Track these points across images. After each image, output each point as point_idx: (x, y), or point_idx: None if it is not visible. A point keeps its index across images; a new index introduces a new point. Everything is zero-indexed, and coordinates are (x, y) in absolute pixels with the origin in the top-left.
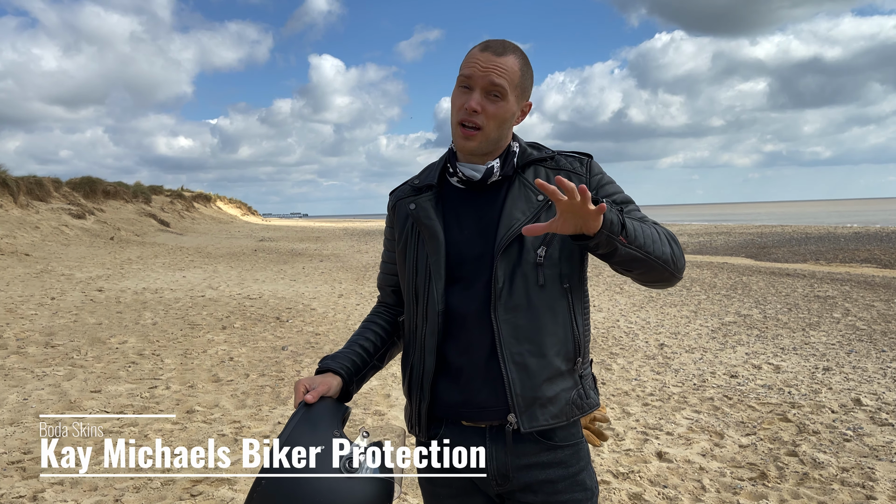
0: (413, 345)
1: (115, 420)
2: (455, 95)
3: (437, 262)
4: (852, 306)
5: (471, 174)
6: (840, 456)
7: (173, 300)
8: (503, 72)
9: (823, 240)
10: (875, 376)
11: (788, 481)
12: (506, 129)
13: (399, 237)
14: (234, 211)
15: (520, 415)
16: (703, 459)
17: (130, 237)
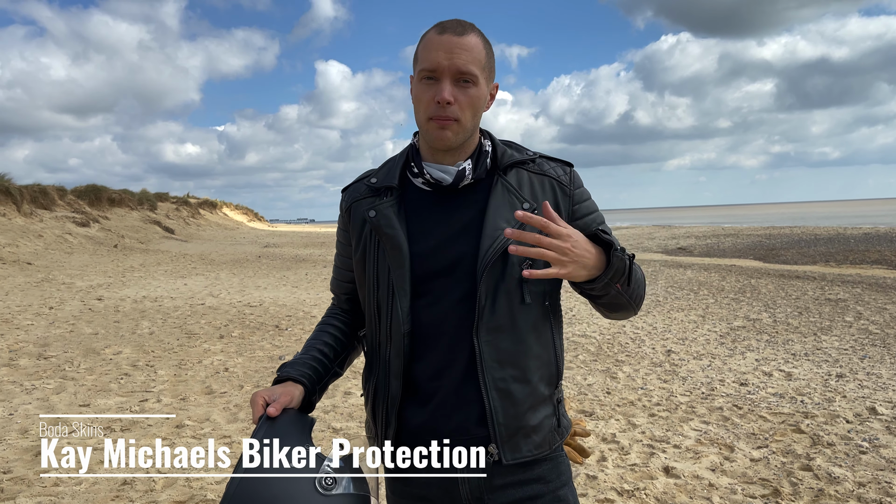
0: (376, 363)
1: (101, 437)
2: (419, 90)
3: (402, 275)
4: (864, 309)
5: (440, 176)
6: (856, 469)
7: (172, 308)
8: (469, 55)
9: (833, 241)
10: (890, 383)
11: (803, 498)
12: (479, 117)
13: (356, 245)
14: (240, 217)
15: (502, 445)
16: (712, 475)
17: (134, 244)
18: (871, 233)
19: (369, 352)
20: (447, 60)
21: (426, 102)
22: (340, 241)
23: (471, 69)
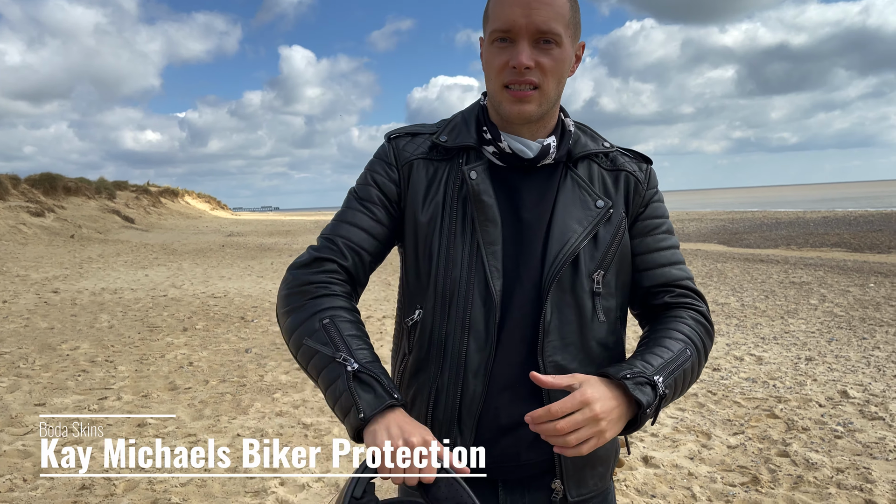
0: (438, 359)
1: (57, 437)
2: (489, 54)
3: (495, 254)
4: (828, 292)
5: (519, 149)
6: (833, 455)
7: (133, 301)
8: (551, 10)
9: (793, 225)
10: (859, 365)
11: (783, 486)
12: (563, 84)
13: (423, 208)
14: (202, 206)
15: (567, 480)
16: (691, 463)
17: (92, 234)
18: (829, 216)
19: (422, 345)
20: (524, 18)
21: (499, 68)
22: (378, 191)
23: (553, 27)
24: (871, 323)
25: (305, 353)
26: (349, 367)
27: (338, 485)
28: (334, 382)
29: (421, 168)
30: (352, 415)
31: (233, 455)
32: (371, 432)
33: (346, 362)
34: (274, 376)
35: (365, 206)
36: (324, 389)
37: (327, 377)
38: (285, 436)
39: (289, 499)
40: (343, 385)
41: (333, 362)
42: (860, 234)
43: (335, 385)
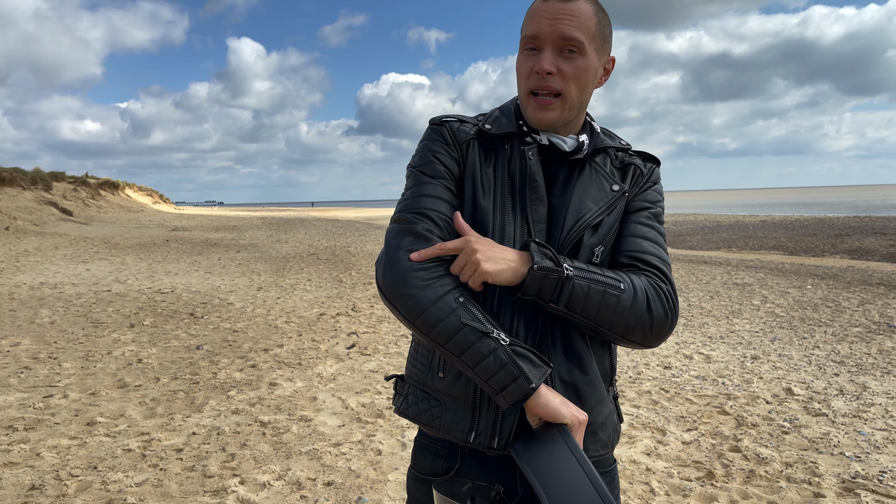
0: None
1: (2, 436)
2: (520, 62)
3: (543, 232)
4: (769, 293)
5: (556, 141)
6: (782, 450)
7: (75, 295)
8: (575, 20)
9: (734, 228)
10: (801, 364)
11: (736, 480)
12: (587, 93)
13: (481, 185)
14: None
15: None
16: (648, 459)
17: (28, 227)
18: (767, 220)
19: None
20: (549, 26)
21: (526, 74)
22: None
23: (575, 35)
24: (810, 323)
25: (446, 330)
26: (502, 341)
27: (299, 483)
28: (488, 356)
29: (475, 148)
30: (518, 385)
31: (188, 454)
32: (543, 401)
33: (499, 337)
34: (227, 373)
35: (439, 181)
36: (472, 364)
37: (478, 351)
38: (242, 434)
39: (249, 497)
40: (505, 357)
41: (486, 337)
42: (796, 238)
43: (490, 359)
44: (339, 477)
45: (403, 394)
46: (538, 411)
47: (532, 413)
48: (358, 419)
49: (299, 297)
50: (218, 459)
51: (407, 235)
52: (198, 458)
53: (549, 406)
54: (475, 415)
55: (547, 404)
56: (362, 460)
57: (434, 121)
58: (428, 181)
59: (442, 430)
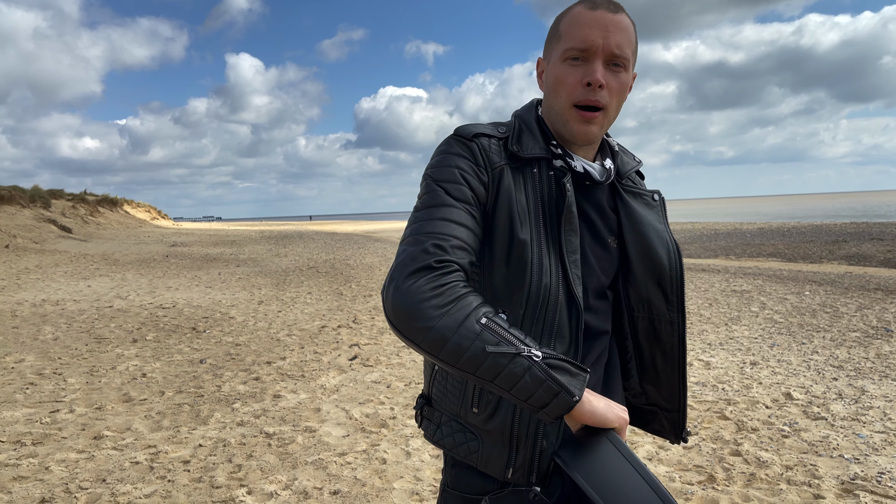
0: None
1: (10, 451)
2: (561, 72)
3: (576, 262)
4: (767, 300)
5: (591, 171)
6: (782, 453)
7: (77, 312)
8: (623, 34)
9: (731, 236)
10: (800, 369)
11: (737, 483)
12: (620, 109)
13: (516, 214)
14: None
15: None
16: (650, 464)
17: (28, 244)
18: (764, 228)
19: None
20: (602, 39)
21: (572, 86)
22: (472, 192)
23: (625, 52)
24: (808, 329)
25: (474, 358)
26: (535, 357)
27: (305, 492)
28: (523, 377)
29: (509, 174)
30: (560, 399)
31: (196, 465)
32: (588, 409)
33: (531, 354)
34: (231, 386)
35: (463, 206)
36: (508, 387)
37: (512, 374)
38: (248, 445)
39: None
40: (541, 374)
41: (517, 357)
42: (793, 245)
43: (526, 378)
44: (345, 486)
45: (436, 422)
46: (584, 420)
47: (576, 422)
48: (362, 429)
49: (300, 311)
50: (225, 470)
51: (422, 261)
52: (205, 470)
53: (596, 414)
54: (511, 451)
55: (593, 412)
56: (367, 469)
57: (465, 134)
58: (452, 204)
59: (480, 463)
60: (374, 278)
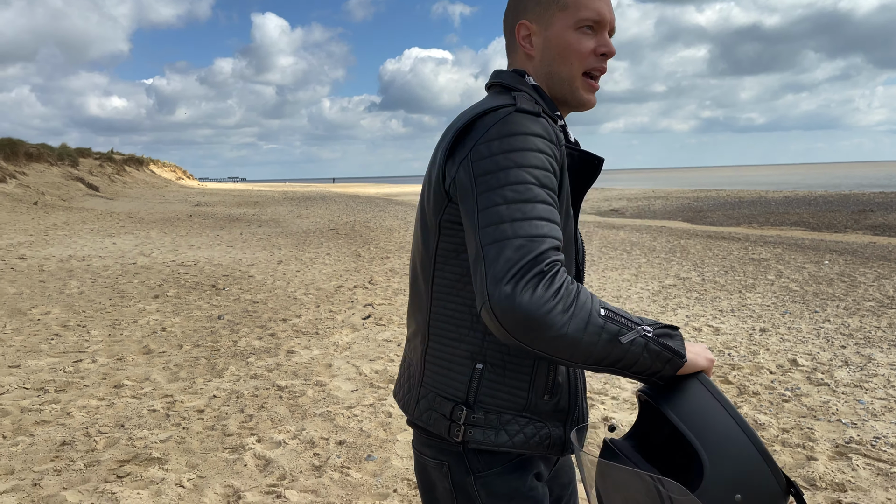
0: None
1: (34, 397)
2: (575, 40)
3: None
4: (785, 268)
5: (576, 141)
6: (780, 417)
7: (102, 268)
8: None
9: (755, 204)
10: (809, 336)
11: None
12: None
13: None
14: (168, 175)
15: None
16: None
17: (56, 202)
18: (790, 196)
19: None
20: (610, 13)
21: (585, 53)
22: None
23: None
24: (823, 298)
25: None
26: (648, 332)
27: (312, 442)
28: (642, 354)
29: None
30: (673, 363)
31: (209, 414)
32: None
33: (645, 330)
34: (247, 342)
35: (552, 196)
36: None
37: (632, 354)
38: (260, 397)
39: (266, 454)
40: (657, 347)
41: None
42: (819, 214)
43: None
44: (351, 437)
45: (494, 425)
46: (685, 371)
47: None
48: (371, 384)
49: (318, 271)
50: (237, 420)
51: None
52: (218, 419)
53: (696, 364)
54: (567, 425)
55: (695, 363)
56: (373, 422)
57: (532, 110)
58: (545, 199)
59: (550, 448)
60: (393, 241)
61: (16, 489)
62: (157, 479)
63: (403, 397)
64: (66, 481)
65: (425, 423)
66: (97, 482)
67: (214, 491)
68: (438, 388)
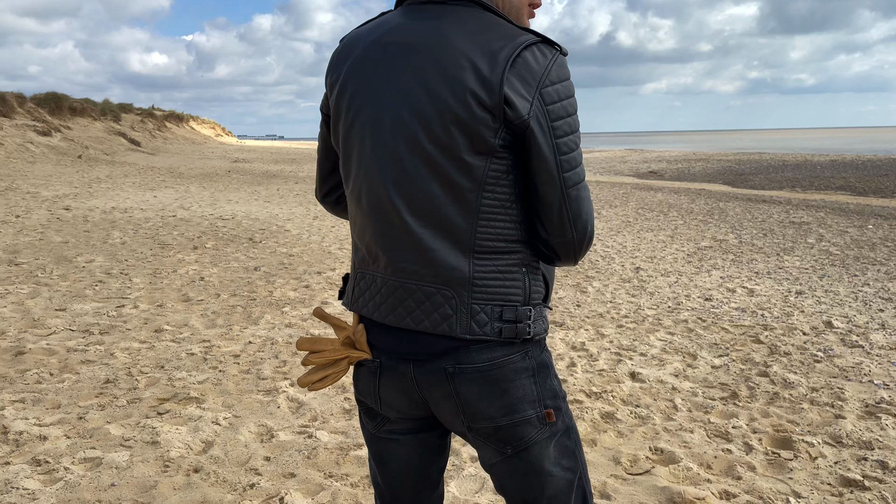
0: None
1: (80, 339)
2: None
3: None
4: (826, 232)
5: None
6: (810, 376)
7: (143, 220)
8: None
9: (800, 167)
10: (847, 300)
11: (759, 401)
12: None
13: None
14: (207, 132)
15: None
16: (675, 380)
17: (99, 156)
18: (837, 160)
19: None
20: None
21: None
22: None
23: None
24: (864, 262)
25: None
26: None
27: (343, 387)
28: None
29: None
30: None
31: (245, 359)
32: None
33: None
34: (283, 292)
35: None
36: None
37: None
38: (294, 345)
39: (298, 397)
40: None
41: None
42: (866, 178)
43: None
44: None
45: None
46: None
47: None
48: None
49: None
50: (271, 365)
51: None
52: (253, 363)
53: None
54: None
55: None
56: None
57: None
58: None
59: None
60: None
61: (62, 422)
62: (195, 417)
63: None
64: (110, 416)
65: (487, 334)
66: (139, 417)
67: (249, 429)
68: (497, 299)
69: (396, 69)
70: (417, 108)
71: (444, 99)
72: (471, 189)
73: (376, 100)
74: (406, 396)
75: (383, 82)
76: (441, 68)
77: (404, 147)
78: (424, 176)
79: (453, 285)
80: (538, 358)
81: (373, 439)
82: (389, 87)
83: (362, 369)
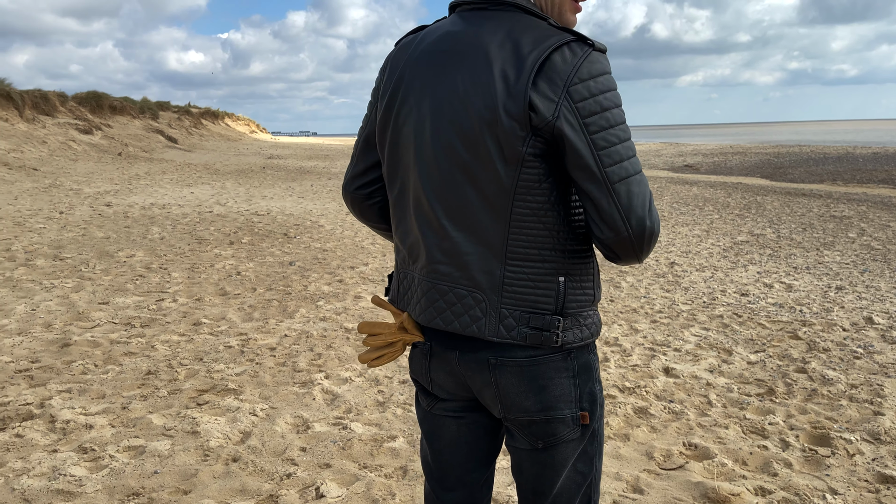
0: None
1: (122, 331)
2: None
3: None
4: (868, 226)
5: None
6: (849, 373)
7: (181, 216)
8: None
9: (841, 160)
10: (888, 295)
11: (796, 397)
12: None
13: None
14: (242, 128)
15: None
16: (710, 375)
17: (138, 153)
18: (879, 153)
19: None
20: None
21: None
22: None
23: None
24: None
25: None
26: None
27: (377, 380)
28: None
29: None
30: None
31: (281, 352)
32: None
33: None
34: (317, 286)
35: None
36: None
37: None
38: (328, 338)
39: (333, 389)
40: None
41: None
42: None
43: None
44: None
45: (580, 324)
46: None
47: None
48: None
49: None
50: (306, 358)
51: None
52: (289, 356)
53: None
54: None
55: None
56: None
57: (604, 48)
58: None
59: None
60: None
61: (107, 411)
62: (233, 408)
63: (453, 320)
64: (152, 406)
65: (514, 339)
66: (179, 408)
67: (285, 420)
68: (525, 305)
69: (439, 77)
70: (454, 116)
71: (477, 108)
72: (502, 196)
73: (420, 108)
74: (453, 379)
75: (428, 91)
76: (476, 78)
77: (442, 154)
78: (460, 182)
79: (484, 289)
80: (582, 360)
81: (426, 416)
82: (432, 96)
83: (415, 351)
